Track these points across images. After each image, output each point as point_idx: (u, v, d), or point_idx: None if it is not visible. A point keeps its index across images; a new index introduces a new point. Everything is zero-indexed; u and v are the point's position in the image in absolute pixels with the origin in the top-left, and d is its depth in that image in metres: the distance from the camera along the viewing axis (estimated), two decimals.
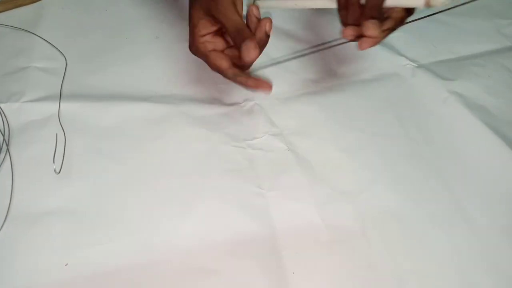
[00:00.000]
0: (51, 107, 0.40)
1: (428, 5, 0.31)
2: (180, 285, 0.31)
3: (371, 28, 0.32)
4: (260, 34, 0.35)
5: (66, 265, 0.31)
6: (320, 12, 0.40)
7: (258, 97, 0.43)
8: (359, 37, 0.33)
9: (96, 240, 0.32)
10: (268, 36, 0.37)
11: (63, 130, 0.38)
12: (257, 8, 0.36)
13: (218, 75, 0.45)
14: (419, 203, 0.36)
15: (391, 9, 0.34)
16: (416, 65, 0.47)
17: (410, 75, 0.47)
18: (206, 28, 0.37)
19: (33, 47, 0.45)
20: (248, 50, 0.33)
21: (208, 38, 0.37)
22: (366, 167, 0.39)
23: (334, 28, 0.48)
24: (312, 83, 0.45)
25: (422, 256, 0.34)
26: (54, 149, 0.37)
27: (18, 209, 0.34)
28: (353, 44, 0.49)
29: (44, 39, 0.46)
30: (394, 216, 0.36)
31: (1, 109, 0.39)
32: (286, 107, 0.43)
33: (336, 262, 0.33)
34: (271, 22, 0.36)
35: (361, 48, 0.33)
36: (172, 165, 0.37)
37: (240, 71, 0.36)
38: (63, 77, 0.43)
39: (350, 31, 0.34)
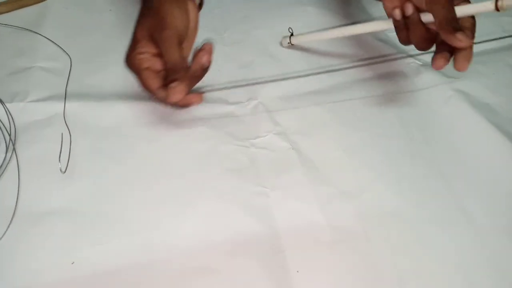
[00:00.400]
0: (55, 107, 0.40)
1: (498, 9, 0.30)
2: (181, 285, 0.31)
3: (463, 39, 0.30)
4: (195, 66, 0.35)
5: (72, 263, 0.31)
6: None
7: (261, 96, 0.43)
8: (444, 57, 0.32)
9: (98, 239, 0.33)
10: (205, 69, 0.36)
11: (68, 129, 0.39)
12: (211, 46, 0.36)
13: (220, 74, 0.45)
14: (422, 203, 0.36)
15: (460, 20, 0.32)
16: (421, 63, 0.47)
17: (415, 73, 0.46)
18: (147, 47, 0.36)
19: (37, 47, 0.45)
20: (173, 92, 0.33)
21: (146, 55, 0.36)
22: (368, 167, 0.39)
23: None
24: (315, 82, 0.45)
25: (424, 256, 0.34)
26: (59, 149, 0.37)
27: (24, 208, 0.34)
28: (356, 42, 0.48)
29: (48, 39, 0.46)
30: (397, 216, 0.36)
31: (7, 108, 0.40)
32: (289, 106, 0.43)
33: (339, 262, 0.33)
34: (209, 54, 0.35)
35: (462, 68, 0.32)
36: (175, 164, 0.37)
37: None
38: (68, 76, 0.43)
39: (442, 62, 0.32)
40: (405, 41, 0.35)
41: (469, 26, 0.33)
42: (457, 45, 0.31)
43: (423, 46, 0.34)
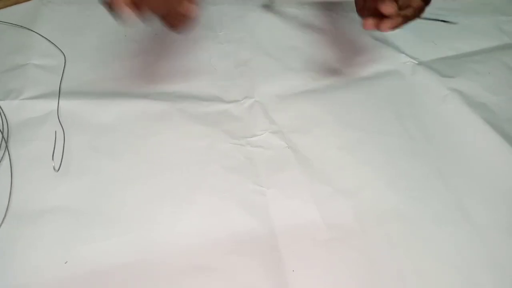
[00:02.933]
0: (50, 105, 0.40)
1: None
2: (179, 283, 0.31)
3: (387, 5, 0.33)
4: None
5: (65, 263, 0.31)
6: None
7: (257, 94, 0.43)
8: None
9: (95, 237, 0.32)
10: None
11: (62, 127, 0.38)
12: None
13: (218, 72, 0.45)
14: (419, 200, 0.36)
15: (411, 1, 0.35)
16: (417, 62, 0.47)
17: (410, 72, 0.46)
18: None
19: (31, 44, 0.45)
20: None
21: None
22: (365, 165, 0.38)
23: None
24: (312, 81, 0.45)
25: (422, 254, 0.33)
26: (53, 147, 0.37)
27: (17, 206, 0.33)
28: (353, 41, 0.48)
29: (42, 36, 0.45)
30: (394, 213, 0.35)
31: (1, 106, 0.39)
32: (285, 105, 0.43)
33: (336, 260, 0.33)
34: None
35: (383, 29, 0.34)
36: (170, 162, 0.37)
37: None
38: (62, 74, 0.42)
39: (370, 21, 0.35)
40: (361, 14, 0.38)
41: (415, 6, 0.35)
42: (382, 10, 0.33)
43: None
